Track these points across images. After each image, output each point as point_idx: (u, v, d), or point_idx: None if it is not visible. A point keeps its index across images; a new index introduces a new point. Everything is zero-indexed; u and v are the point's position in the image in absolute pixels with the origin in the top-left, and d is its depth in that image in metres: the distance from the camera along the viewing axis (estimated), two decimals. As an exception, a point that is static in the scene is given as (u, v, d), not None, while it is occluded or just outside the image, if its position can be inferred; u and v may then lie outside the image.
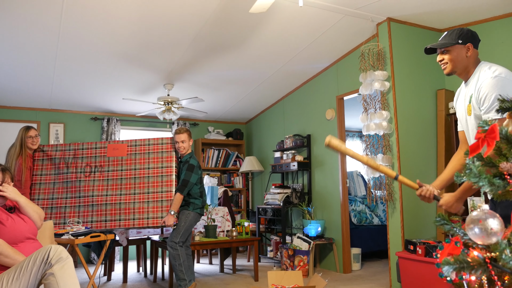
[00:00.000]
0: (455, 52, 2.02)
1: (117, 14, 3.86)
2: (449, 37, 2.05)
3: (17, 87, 5.39)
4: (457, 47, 2.02)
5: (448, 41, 2.04)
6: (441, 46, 2.07)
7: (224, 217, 5.45)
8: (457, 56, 2.02)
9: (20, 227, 2.53)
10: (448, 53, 2.05)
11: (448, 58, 2.05)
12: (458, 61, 2.02)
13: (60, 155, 4.48)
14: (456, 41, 2.01)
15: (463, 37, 2.01)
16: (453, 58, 2.03)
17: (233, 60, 5.06)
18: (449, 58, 2.04)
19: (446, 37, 2.07)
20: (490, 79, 1.88)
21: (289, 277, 3.65)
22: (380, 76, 4.28)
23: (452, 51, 2.03)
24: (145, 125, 6.99)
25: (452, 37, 2.04)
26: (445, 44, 2.04)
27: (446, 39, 2.07)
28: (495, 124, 1.07)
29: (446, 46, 2.05)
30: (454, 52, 2.03)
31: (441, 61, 2.09)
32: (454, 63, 2.03)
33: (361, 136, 8.14)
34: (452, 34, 2.05)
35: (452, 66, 2.04)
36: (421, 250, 3.55)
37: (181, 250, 4.02)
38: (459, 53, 2.01)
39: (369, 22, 4.34)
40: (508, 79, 1.86)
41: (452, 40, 2.03)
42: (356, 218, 5.96)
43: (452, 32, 2.06)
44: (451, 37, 2.04)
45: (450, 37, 2.05)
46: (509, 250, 0.95)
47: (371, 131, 4.36)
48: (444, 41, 2.06)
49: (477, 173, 1.06)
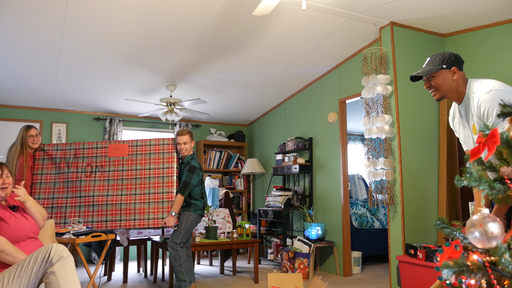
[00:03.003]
0: (440, 77, 2.01)
1: (121, 15, 3.88)
2: (433, 63, 2.04)
3: (20, 86, 5.42)
4: (442, 72, 2.01)
5: (432, 67, 2.03)
6: (426, 73, 2.05)
7: (225, 219, 5.45)
8: (443, 81, 2.01)
9: (22, 226, 2.55)
10: (433, 79, 2.04)
11: (435, 84, 2.04)
12: (445, 85, 2.01)
13: (61, 155, 4.47)
14: (440, 66, 2.00)
15: (446, 61, 2.00)
16: (440, 83, 2.02)
17: (235, 62, 5.07)
18: (435, 84, 2.03)
19: (430, 64, 2.05)
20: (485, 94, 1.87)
21: (289, 279, 3.65)
22: (382, 80, 4.29)
23: (437, 77, 2.02)
24: (147, 126, 7.01)
25: (436, 62, 2.02)
26: (430, 70, 2.03)
27: (430, 65, 2.05)
28: (496, 128, 1.08)
29: (431, 73, 2.03)
30: (439, 77, 2.02)
31: (429, 88, 2.08)
32: (442, 88, 2.03)
33: (363, 139, 8.14)
34: (435, 59, 2.03)
35: (441, 91, 2.04)
36: (421, 254, 3.55)
37: (182, 251, 4.02)
38: (444, 77, 2.01)
39: (372, 26, 4.34)
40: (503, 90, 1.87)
41: (436, 66, 2.02)
42: (357, 221, 5.95)
43: (435, 58, 2.04)
44: (435, 62, 2.03)
45: (433, 63, 2.03)
46: (509, 254, 0.95)
47: (373, 135, 4.36)
48: (428, 68, 2.05)
49: (478, 177, 1.06)
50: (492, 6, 3.85)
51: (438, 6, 3.93)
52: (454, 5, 3.90)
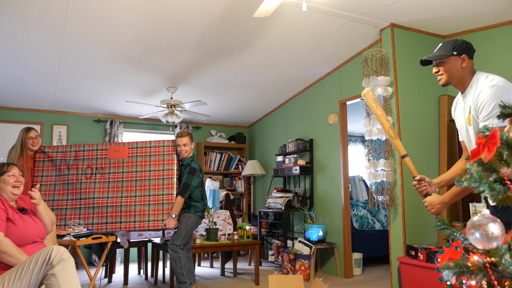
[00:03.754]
0: (450, 64, 2.03)
1: (121, 17, 3.89)
2: (444, 49, 2.06)
3: (21, 88, 5.42)
4: (452, 58, 2.03)
5: (443, 53, 2.05)
6: (436, 58, 2.08)
7: (225, 221, 5.45)
8: (452, 67, 2.03)
9: (30, 229, 2.56)
10: (443, 65, 2.06)
11: (443, 70, 2.06)
12: (454, 72, 2.04)
13: (61, 157, 4.47)
14: (451, 53, 2.02)
15: (457, 48, 2.02)
16: (448, 69, 2.04)
17: (236, 64, 5.07)
18: (444, 69, 2.05)
19: (441, 49, 2.08)
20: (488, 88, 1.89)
21: (290, 281, 3.65)
22: (383, 81, 4.29)
23: (447, 63, 2.04)
24: (148, 127, 7.01)
25: (447, 48, 2.05)
26: (440, 56, 2.06)
27: (441, 50, 2.08)
28: (496, 129, 1.08)
29: (441, 58, 2.06)
30: (449, 63, 2.04)
31: (437, 73, 2.10)
32: (449, 74, 2.05)
33: (363, 141, 8.13)
34: (447, 45, 2.06)
35: (447, 77, 2.06)
36: (422, 255, 3.54)
37: (182, 253, 4.02)
38: (454, 64, 2.03)
39: (372, 27, 4.35)
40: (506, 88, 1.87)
41: (447, 52, 2.04)
42: (357, 223, 5.95)
43: (447, 44, 2.07)
44: (446, 48, 2.05)
45: (445, 49, 2.06)
46: (509, 255, 0.95)
47: (373, 136, 4.36)
48: (439, 53, 2.07)
49: (478, 178, 1.06)
50: (492, 7, 3.86)
51: (438, 8, 3.93)
52: (454, 7, 3.90)
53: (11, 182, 2.60)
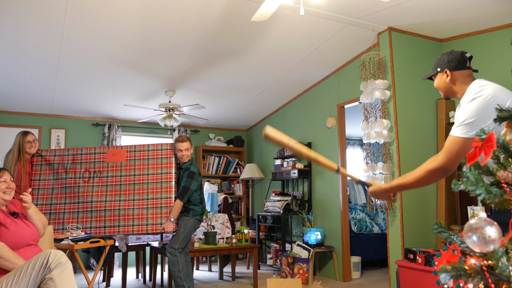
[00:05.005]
0: (437, 80, 2.11)
1: (119, 21, 3.90)
2: (433, 67, 2.15)
3: (19, 92, 5.42)
4: (438, 75, 2.10)
5: (431, 71, 2.14)
6: (426, 77, 2.19)
7: (224, 224, 5.44)
8: (439, 83, 2.10)
9: (23, 233, 2.56)
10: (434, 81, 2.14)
11: (435, 86, 2.14)
12: (442, 87, 2.10)
13: (59, 160, 4.46)
14: (435, 71, 2.10)
15: (440, 64, 2.09)
16: (437, 85, 2.12)
17: (234, 67, 5.08)
18: (435, 85, 2.14)
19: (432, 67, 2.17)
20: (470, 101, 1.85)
21: (288, 284, 3.65)
22: (380, 85, 4.30)
23: (436, 79, 2.12)
24: (146, 131, 7.01)
25: (434, 66, 2.13)
26: (428, 74, 2.16)
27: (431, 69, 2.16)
28: (492, 133, 1.08)
29: (428, 77, 2.16)
30: (436, 80, 2.12)
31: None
32: (440, 89, 2.12)
33: (361, 144, 8.14)
34: (435, 63, 2.14)
35: (441, 92, 2.14)
36: (421, 259, 3.54)
37: (180, 257, 4.01)
38: (440, 80, 2.09)
39: (370, 31, 4.37)
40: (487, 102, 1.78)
41: (433, 70, 2.13)
42: (356, 226, 5.95)
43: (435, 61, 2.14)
44: (433, 66, 2.14)
45: (433, 67, 2.14)
46: (506, 258, 0.95)
47: (371, 140, 4.37)
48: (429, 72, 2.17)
49: (475, 181, 1.06)
50: (489, 11, 3.88)
51: (436, 11, 3.95)
52: (452, 11, 3.92)
53: (2, 188, 2.60)
